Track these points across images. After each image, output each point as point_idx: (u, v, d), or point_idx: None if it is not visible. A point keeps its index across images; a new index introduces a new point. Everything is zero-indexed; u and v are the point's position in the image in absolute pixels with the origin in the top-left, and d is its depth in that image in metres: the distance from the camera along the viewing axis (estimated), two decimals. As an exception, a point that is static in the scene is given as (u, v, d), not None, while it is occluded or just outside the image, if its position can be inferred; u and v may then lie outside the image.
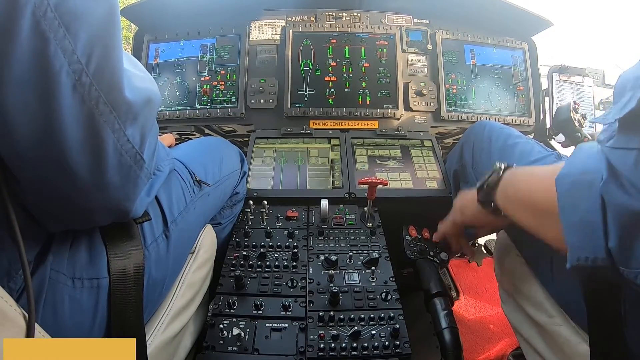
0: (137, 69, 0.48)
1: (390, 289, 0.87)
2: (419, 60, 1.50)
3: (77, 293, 0.52)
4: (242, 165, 1.11)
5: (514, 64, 1.53)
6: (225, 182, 0.98)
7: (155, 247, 0.66)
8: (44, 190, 0.44)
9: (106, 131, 0.42)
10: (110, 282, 0.55)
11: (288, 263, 0.93)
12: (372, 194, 1.03)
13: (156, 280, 0.66)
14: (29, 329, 0.41)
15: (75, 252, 0.54)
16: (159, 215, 0.69)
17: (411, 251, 1.09)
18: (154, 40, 1.49)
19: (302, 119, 1.41)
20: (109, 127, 0.42)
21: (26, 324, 0.41)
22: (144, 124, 0.47)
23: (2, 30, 0.34)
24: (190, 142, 1.07)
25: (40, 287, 0.49)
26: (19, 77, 0.36)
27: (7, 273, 0.46)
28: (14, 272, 0.46)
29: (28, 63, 0.36)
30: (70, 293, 0.52)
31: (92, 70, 0.40)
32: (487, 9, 1.49)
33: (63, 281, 0.51)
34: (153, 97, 0.48)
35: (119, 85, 0.42)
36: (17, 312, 0.41)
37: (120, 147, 0.45)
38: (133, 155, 0.47)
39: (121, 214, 0.53)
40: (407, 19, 1.55)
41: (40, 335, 0.43)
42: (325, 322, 0.79)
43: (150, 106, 0.47)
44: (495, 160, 0.75)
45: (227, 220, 1.06)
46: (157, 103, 0.51)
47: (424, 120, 1.45)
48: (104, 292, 0.55)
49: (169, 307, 0.71)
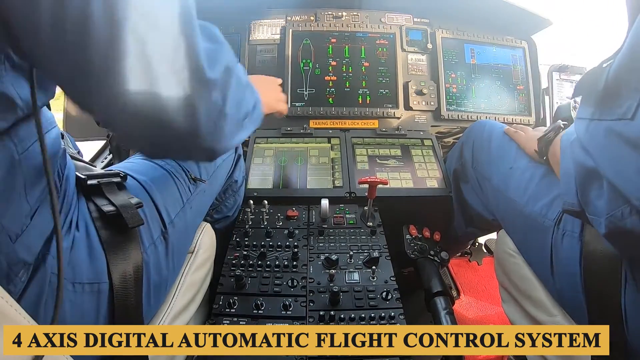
0: (210, 42, 0.49)
1: (390, 289, 0.87)
2: (419, 60, 1.50)
3: (77, 297, 0.52)
4: (236, 148, 1.07)
5: (514, 62, 1.53)
6: (219, 173, 0.96)
7: (154, 250, 0.65)
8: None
9: (198, 101, 0.43)
10: (110, 286, 0.55)
11: (288, 263, 0.93)
12: (372, 193, 1.03)
13: (156, 283, 0.66)
14: None
15: (75, 256, 0.54)
16: (156, 217, 0.68)
17: (412, 250, 1.09)
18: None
19: (302, 119, 1.40)
20: (199, 98, 0.43)
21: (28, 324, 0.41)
22: (224, 87, 0.48)
23: None
24: None
25: (41, 291, 0.48)
26: None
27: (7, 276, 0.45)
28: (14, 275, 0.46)
29: None
30: (71, 298, 0.51)
31: None
32: (487, 8, 1.49)
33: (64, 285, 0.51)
34: (230, 65, 0.49)
35: (202, 69, 0.43)
36: (17, 313, 0.41)
37: (208, 110, 0.46)
38: (217, 112, 0.47)
39: (211, 155, 0.53)
40: (407, 18, 1.55)
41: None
42: (326, 321, 0.79)
43: (228, 73, 0.49)
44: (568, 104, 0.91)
45: (233, 211, 1.08)
46: (234, 67, 0.52)
47: (424, 119, 1.45)
48: (104, 296, 0.55)
49: (169, 308, 0.71)
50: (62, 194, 0.56)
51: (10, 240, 0.45)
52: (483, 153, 1.04)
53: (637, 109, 0.40)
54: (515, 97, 1.50)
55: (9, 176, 0.45)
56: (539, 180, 0.84)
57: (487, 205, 1.03)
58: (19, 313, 0.41)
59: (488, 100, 1.49)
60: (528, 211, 0.83)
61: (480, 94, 1.49)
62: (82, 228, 0.57)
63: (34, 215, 0.49)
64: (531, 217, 0.82)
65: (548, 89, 1.49)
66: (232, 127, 0.50)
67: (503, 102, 1.49)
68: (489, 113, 1.46)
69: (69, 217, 0.56)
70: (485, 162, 1.02)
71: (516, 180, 0.90)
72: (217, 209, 1.04)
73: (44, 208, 0.50)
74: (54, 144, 0.55)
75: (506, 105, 1.49)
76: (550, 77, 1.49)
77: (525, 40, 1.54)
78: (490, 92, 1.49)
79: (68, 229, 0.55)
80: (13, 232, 0.45)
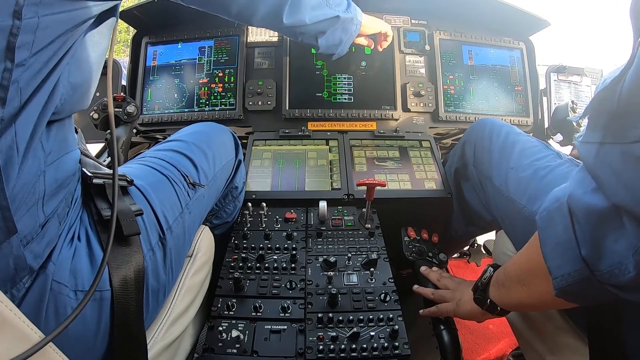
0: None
1: (389, 290, 0.87)
2: (416, 61, 1.51)
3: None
4: (237, 153, 1.07)
5: (511, 64, 1.53)
6: (218, 178, 0.95)
7: (152, 256, 0.65)
8: None
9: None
10: (112, 293, 0.55)
11: (287, 265, 0.93)
12: (370, 195, 1.04)
13: (155, 288, 0.66)
14: None
15: (77, 264, 0.54)
16: (154, 223, 0.68)
17: (410, 252, 1.09)
18: (152, 43, 1.49)
19: (300, 121, 1.41)
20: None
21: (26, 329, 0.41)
22: None
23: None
24: (177, 136, 0.96)
25: (41, 297, 0.49)
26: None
27: (12, 279, 0.45)
28: (18, 280, 0.46)
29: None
30: (72, 305, 0.51)
31: None
32: (484, 9, 1.49)
33: (65, 293, 0.51)
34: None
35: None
36: (16, 317, 0.41)
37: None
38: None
39: None
40: (404, 19, 1.55)
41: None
42: (324, 323, 0.79)
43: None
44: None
45: (233, 217, 1.07)
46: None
47: (422, 121, 1.46)
48: (106, 303, 0.55)
49: (168, 312, 0.71)
50: (70, 205, 0.57)
51: (21, 245, 0.46)
52: (484, 152, 1.04)
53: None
54: (513, 98, 1.51)
55: (34, 184, 0.47)
56: (540, 180, 0.84)
57: (488, 205, 1.03)
58: (19, 317, 0.41)
59: (486, 101, 1.49)
60: (528, 212, 0.83)
61: (479, 95, 1.49)
62: (83, 235, 0.58)
63: (45, 225, 0.50)
64: (531, 218, 0.81)
65: (546, 89, 1.50)
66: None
67: (501, 103, 1.49)
68: (487, 114, 1.46)
69: (73, 227, 0.57)
70: (487, 161, 1.02)
71: (517, 180, 0.89)
72: (216, 214, 1.04)
73: (54, 220, 0.52)
74: (74, 165, 0.58)
75: (504, 106, 1.49)
76: (548, 78, 1.50)
77: (523, 41, 1.54)
78: (488, 93, 1.50)
79: (71, 239, 0.56)
80: (25, 238, 0.47)
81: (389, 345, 0.75)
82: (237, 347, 0.75)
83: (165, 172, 0.78)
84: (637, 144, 0.38)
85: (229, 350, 0.74)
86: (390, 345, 0.75)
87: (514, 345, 1.34)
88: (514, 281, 0.67)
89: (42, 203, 0.49)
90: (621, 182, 0.41)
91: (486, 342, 1.38)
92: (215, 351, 0.74)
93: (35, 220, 0.49)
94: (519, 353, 1.26)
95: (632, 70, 0.40)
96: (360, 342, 0.75)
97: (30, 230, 0.48)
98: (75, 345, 0.51)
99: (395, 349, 0.75)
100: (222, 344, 0.75)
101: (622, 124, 0.41)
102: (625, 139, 0.40)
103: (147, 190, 0.70)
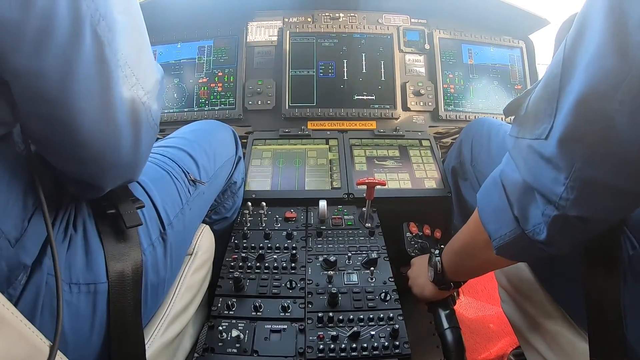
0: None
1: (389, 289, 0.87)
2: (416, 60, 1.50)
3: (73, 299, 0.52)
4: (237, 150, 1.08)
5: (511, 62, 1.53)
6: (219, 175, 0.96)
7: (152, 251, 0.65)
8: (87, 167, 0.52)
9: (142, 112, 0.53)
10: (108, 286, 0.55)
11: (287, 264, 0.93)
12: (370, 194, 1.03)
13: (154, 284, 0.65)
14: None
15: (72, 256, 0.53)
16: (154, 218, 0.68)
17: (412, 248, 1.09)
18: (151, 43, 1.48)
19: (300, 120, 1.40)
20: (143, 108, 0.53)
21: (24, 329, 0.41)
22: (160, 94, 0.58)
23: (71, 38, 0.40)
24: (179, 134, 0.97)
25: (37, 293, 0.48)
26: (85, 74, 0.43)
27: (7, 279, 0.45)
28: (14, 279, 0.46)
29: (90, 63, 0.43)
30: (67, 299, 0.51)
31: (132, 65, 0.49)
32: (484, 8, 1.49)
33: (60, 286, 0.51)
34: (160, 76, 0.60)
35: (153, 74, 0.52)
36: (15, 317, 0.41)
37: (151, 121, 0.56)
38: (154, 126, 0.57)
39: None
40: (404, 18, 1.55)
41: (42, 343, 0.43)
42: (325, 323, 0.79)
43: (162, 82, 0.59)
44: None
45: (232, 212, 1.07)
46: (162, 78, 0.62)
47: (422, 120, 1.45)
48: (101, 297, 0.54)
49: (167, 310, 0.71)
50: (60, 194, 0.56)
51: (10, 245, 0.45)
52: (482, 151, 1.04)
53: (549, 131, 0.48)
54: (513, 97, 1.49)
55: (11, 180, 0.46)
56: None
57: None
58: (16, 316, 0.41)
59: (486, 100, 1.49)
60: None
61: (478, 94, 1.49)
62: (80, 226, 0.57)
63: (31, 218, 0.49)
64: None
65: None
66: None
67: (501, 102, 1.49)
68: (487, 113, 1.46)
69: (66, 216, 0.56)
70: (484, 160, 1.02)
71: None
72: (215, 209, 1.03)
73: (40, 211, 0.50)
74: None
75: (504, 105, 1.49)
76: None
77: (523, 40, 1.54)
78: (488, 92, 1.50)
79: (65, 228, 0.55)
80: (12, 237, 0.45)
81: (390, 344, 0.75)
82: (237, 346, 0.75)
83: (166, 167, 0.78)
84: (536, 140, 0.51)
85: (229, 350, 0.74)
86: (391, 344, 0.75)
87: (514, 344, 1.34)
88: (463, 256, 0.79)
89: (22, 196, 0.47)
90: (527, 166, 0.54)
91: (487, 341, 1.38)
92: (216, 351, 0.74)
93: (18, 215, 0.47)
94: (520, 352, 1.26)
95: (537, 88, 0.53)
96: (361, 342, 0.75)
97: (17, 227, 0.46)
98: (71, 340, 0.51)
99: (395, 348, 0.74)
100: (222, 343, 0.75)
101: (529, 124, 0.54)
102: (530, 136, 0.53)
103: (148, 185, 0.70)
